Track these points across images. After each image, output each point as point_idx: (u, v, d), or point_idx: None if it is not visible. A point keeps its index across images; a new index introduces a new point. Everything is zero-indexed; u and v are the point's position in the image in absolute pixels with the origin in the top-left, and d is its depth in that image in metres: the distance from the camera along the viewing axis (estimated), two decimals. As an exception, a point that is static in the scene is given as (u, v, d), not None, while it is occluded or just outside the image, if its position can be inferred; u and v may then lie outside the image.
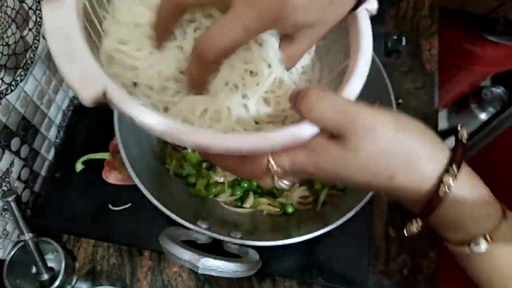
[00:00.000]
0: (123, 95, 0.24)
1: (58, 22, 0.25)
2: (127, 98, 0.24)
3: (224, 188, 0.52)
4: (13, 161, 0.50)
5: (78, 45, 0.24)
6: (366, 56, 0.29)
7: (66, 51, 0.24)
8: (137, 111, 0.24)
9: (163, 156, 0.54)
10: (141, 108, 0.24)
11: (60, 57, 0.24)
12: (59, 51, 0.24)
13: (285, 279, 0.52)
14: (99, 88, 0.23)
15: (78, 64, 0.24)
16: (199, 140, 0.23)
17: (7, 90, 0.47)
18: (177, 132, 0.23)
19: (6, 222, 0.51)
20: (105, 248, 0.54)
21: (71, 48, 0.24)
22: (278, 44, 0.29)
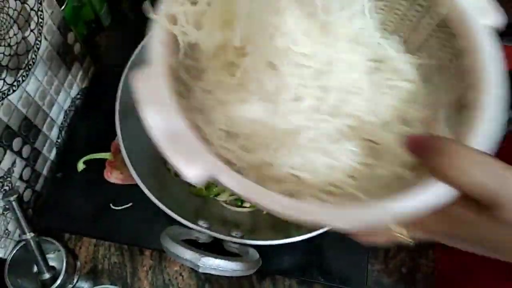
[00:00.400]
0: (232, 175, 0.24)
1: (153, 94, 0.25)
2: (237, 177, 0.24)
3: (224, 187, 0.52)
4: (15, 161, 0.50)
5: (179, 124, 0.24)
6: (497, 88, 0.23)
7: (166, 129, 0.24)
8: (249, 191, 0.23)
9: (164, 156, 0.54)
10: (254, 186, 0.23)
11: (162, 137, 0.24)
12: (158, 128, 0.24)
13: (285, 278, 0.52)
14: (204, 167, 0.23)
15: (181, 144, 0.24)
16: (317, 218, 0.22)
17: (9, 91, 0.47)
18: (296, 211, 0.22)
19: (7, 221, 0.51)
20: (106, 247, 0.54)
21: (171, 126, 0.24)
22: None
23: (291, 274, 0.52)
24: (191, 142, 0.24)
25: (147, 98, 0.25)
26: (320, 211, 0.22)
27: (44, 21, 0.52)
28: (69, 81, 0.61)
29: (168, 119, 0.25)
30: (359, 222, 0.21)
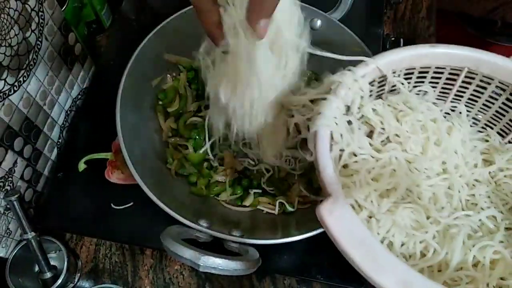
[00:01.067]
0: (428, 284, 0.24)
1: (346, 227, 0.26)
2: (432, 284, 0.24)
3: (224, 187, 0.53)
4: (16, 161, 0.50)
5: (379, 249, 0.25)
6: None
7: (368, 257, 0.25)
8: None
9: (164, 156, 0.54)
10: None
11: (367, 265, 0.25)
12: (362, 259, 0.25)
13: (284, 277, 0.52)
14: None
15: (393, 272, 0.24)
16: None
17: (10, 91, 0.47)
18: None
19: (9, 221, 0.51)
20: (107, 247, 0.55)
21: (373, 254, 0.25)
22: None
23: (291, 273, 0.52)
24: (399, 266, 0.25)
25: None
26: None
27: (45, 21, 0.52)
28: (70, 81, 0.61)
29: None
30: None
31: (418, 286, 0.24)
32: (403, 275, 0.24)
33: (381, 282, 0.24)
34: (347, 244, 0.26)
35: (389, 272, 0.24)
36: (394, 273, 0.24)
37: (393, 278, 0.24)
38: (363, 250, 0.25)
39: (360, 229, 0.26)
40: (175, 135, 0.56)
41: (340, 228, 0.26)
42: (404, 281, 0.24)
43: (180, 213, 0.44)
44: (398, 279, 0.24)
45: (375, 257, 0.25)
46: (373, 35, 0.67)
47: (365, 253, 0.25)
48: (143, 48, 0.54)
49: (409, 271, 0.25)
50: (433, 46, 0.41)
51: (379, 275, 0.24)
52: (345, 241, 0.26)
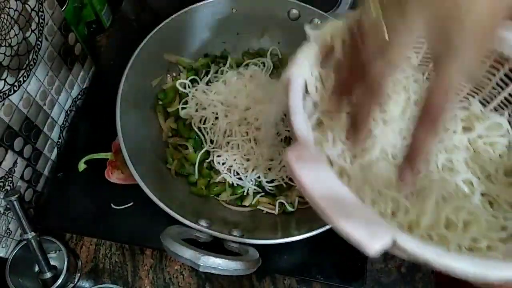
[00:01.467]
0: (416, 242, 0.24)
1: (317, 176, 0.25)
2: (421, 244, 0.24)
3: (224, 187, 0.53)
4: (16, 161, 0.50)
5: (347, 197, 0.24)
6: None
7: (336, 205, 0.24)
8: (434, 255, 0.23)
9: (164, 156, 0.54)
10: (439, 252, 0.23)
11: (333, 212, 0.24)
12: (328, 206, 0.24)
13: (284, 277, 0.52)
14: (388, 238, 0.23)
15: (356, 218, 0.23)
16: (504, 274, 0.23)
17: (10, 91, 0.47)
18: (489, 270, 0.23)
19: (9, 221, 0.51)
20: (107, 247, 0.55)
21: (340, 201, 0.24)
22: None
23: (291, 273, 0.52)
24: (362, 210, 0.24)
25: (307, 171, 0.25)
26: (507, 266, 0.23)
27: (45, 21, 0.52)
28: (70, 81, 0.61)
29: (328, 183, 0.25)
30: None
31: (380, 233, 0.23)
32: (367, 219, 0.24)
33: (346, 228, 0.23)
34: (313, 190, 0.24)
35: (356, 218, 0.23)
36: (360, 218, 0.23)
37: (360, 224, 0.23)
38: (330, 196, 0.24)
39: (327, 176, 0.25)
40: (175, 135, 0.56)
41: (306, 173, 0.25)
42: (371, 228, 0.23)
43: (180, 213, 0.44)
44: (361, 224, 0.23)
45: (342, 203, 0.24)
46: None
47: (332, 200, 0.24)
48: (143, 48, 0.54)
49: (372, 215, 0.24)
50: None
51: (345, 222, 0.23)
52: (311, 187, 0.25)
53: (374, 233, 0.23)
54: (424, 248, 0.23)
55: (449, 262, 0.23)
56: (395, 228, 0.24)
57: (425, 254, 0.23)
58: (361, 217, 0.24)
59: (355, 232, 0.23)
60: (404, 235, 0.23)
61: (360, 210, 0.24)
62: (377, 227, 0.23)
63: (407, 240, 0.23)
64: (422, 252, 0.23)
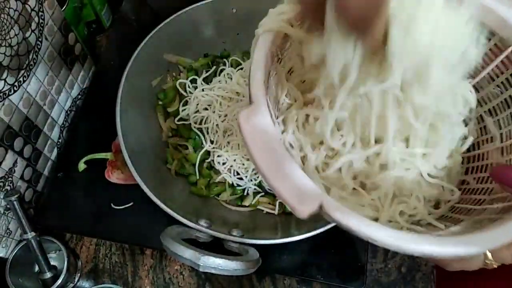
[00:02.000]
0: (340, 207, 0.24)
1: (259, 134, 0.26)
2: (345, 210, 0.24)
3: (225, 187, 0.53)
4: (16, 161, 0.50)
5: (286, 160, 0.25)
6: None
7: (273, 166, 0.25)
8: (355, 222, 0.24)
9: (164, 156, 0.54)
10: (360, 219, 0.24)
11: (270, 172, 0.25)
12: (267, 166, 0.25)
13: (284, 277, 0.52)
14: (316, 204, 0.24)
15: (290, 181, 0.24)
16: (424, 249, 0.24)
17: (10, 91, 0.47)
18: (404, 243, 0.24)
19: (9, 221, 0.51)
20: (107, 247, 0.55)
21: (278, 163, 0.25)
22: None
23: (291, 273, 0.52)
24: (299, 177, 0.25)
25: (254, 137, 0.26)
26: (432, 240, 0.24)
27: (45, 21, 0.52)
28: (70, 81, 0.61)
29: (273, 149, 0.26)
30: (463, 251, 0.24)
31: (309, 196, 0.24)
32: (300, 184, 0.24)
33: (279, 189, 0.24)
34: (255, 149, 0.25)
35: (291, 182, 0.24)
36: (292, 181, 0.24)
37: (290, 186, 0.24)
38: (271, 159, 0.25)
39: (272, 138, 0.26)
40: (175, 135, 0.56)
41: (253, 135, 0.26)
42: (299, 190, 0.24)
43: (180, 213, 0.44)
44: (295, 187, 0.24)
45: (280, 166, 0.25)
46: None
47: (273, 162, 0.25)
48: (143, 48, 0.54)
49: (305, 180, 0.25)
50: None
51: (278, 183, 0.24)
52: (254, 145, 0.25)
53: (304, 198, 0.24)
54: (348, 215, 0.24)
55: (369, 232, 0.23)
56: (323, 194, 0.24)
57: (347, 222, 0.24)
58: (295, 180, 0.24)
59: (287, 196, 0.24)
60: (331, 201, 0.24)
61: (295, 174, 0.25)
62: (308, 191, 0.24)
63: (333, 207, 0.24)
64: (345, 219, 0.24)
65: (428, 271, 0.54)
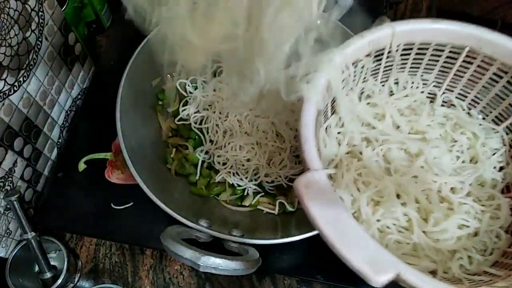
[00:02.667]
0: (421, 276, 0.24)
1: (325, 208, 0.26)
2: (426, 278, 0.24)
3: (225, 187, 0.53)
4: (16, 161, 0.50)
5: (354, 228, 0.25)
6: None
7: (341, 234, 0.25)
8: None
9: (164, 156, 0.54)
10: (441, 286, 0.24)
11: (338, 241, 0.25)
12: (335, 235, 0.25)
13: (285, 277, 0.52)
14: (393, 272, 0.24)
15: (362, 250, 0.25)
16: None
17: (10, 91, 0.47)
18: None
19: (9, 221, 0.51)
20: (107, 247, 0.55)
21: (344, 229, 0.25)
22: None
23: (291, 273, 0.52)
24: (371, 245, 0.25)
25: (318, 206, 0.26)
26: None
27: (45, 21, 0.52)
28: (70, 81, 0.61)
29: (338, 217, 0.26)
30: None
31: (386, 262, 0.24)
32: (373, 252, 0.24)
33: (350, 259, 0.24)
34: (321, 220, 0.25)
35: (359, 249, 0.24)
36: (363, 250, 0.24)
37: (362, 254, 0.24)
38: (337, 227, 0.25)
39: (335, 206, 0.26)
40: (175, 135, 0.56)
41: (315, 203, 0.26)
42: (372, 258, 0.24)
43: (180, 213, 0.44)
44: (367, 256, 0.24)
45: (348, 235, 0.25)
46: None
47: (339, 231, 0.25)
48: (143, 48, 0.54)
49: (377, 248, 0.24)
50: (434, 21, 0.39)
51: (349, 252, 0.24)
52: (319, 217, 0.25)
53: (379, 267, 0.24)
54: (427, 282, 0.24)
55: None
56: (399, 261, 0.24)
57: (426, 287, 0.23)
58: (366, 249, 0.24)
59: (360, 266, 0.24)
60: (408, 268, 0.24)
61: (366, 242, 0.25)
62: (382, 260, 0.24)
63: (410, 273, 0.24)
64: (424, 285, 0.23)
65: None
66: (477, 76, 0.42)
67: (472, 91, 0.44)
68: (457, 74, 0.43)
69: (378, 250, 0.24)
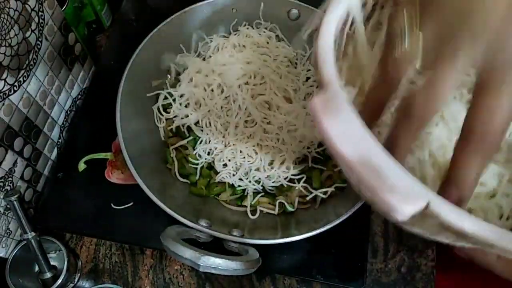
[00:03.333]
0: (453, 209, 0.20)
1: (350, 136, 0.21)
2: (459, 211, 0.20)
3: (225, 187, 0.53)
4: (16, 161, 0.50)
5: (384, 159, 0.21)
6: None
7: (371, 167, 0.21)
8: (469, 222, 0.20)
9: (164, 156, 0.54)
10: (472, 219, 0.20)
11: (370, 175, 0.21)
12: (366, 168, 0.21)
13: (284, 277, 0.52)
14: (422, 202, 0.20)
15: (392, 179, 0.20)
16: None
17: (10, 91, 0.47)
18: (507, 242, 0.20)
19: (9, 221, 0.51)
20: (107, 247, 0.55)
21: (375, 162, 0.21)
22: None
23: (291, 273, 0.52)
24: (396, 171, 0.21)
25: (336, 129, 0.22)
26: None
27: (45, 21, 0.52)
28: (70, 81, 0.61)
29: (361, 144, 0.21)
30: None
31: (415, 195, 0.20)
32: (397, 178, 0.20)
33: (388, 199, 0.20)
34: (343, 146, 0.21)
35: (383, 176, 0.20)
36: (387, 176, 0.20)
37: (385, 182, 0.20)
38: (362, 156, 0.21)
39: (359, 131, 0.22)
40: (175, 135, 0.56)
41: (335, 126, 0.22)
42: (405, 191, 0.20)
43: (180, 213, 0.44)
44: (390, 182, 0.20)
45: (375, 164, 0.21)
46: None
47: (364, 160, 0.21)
48: (143, 48, 0.54)
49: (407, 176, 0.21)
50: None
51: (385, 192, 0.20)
52: (341, 142, 0.21)
53: (409, 195, 0.20)
54: (461, 215, 0.20)
55: (489, 235, 0.20)
56: (430, 191, 0.20)
57: (461, 222, 0.20)
58: (398, 180, 0.20)
59: (386, 194, 0.20)
60: (439, 199, 0.20)
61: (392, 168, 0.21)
62: (411, 188, 0.20)
63: (442, 205, 0.20)
64: (459, 219, 0.20)
65: (428, 271, 0.54)
66: None
67: None
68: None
69: (407, 178, 0.21)
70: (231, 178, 0.53)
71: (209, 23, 0.60)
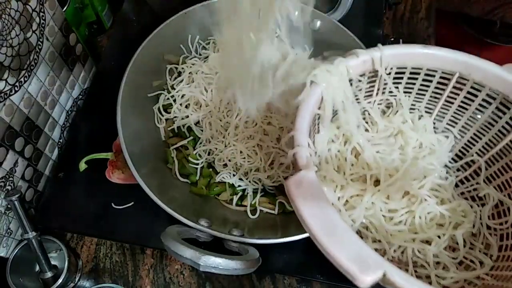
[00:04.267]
0: (405, 277, 0.24)
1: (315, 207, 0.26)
2: (410, 279, 0.24)
3: (225, 187, 0.53)
4: (17, 161, 0.50)
5: (341, 226, 0.25)
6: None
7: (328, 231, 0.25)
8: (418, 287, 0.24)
9: (165, 156, 0.55)
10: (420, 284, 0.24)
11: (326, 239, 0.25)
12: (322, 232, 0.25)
13: (284, 277, 0.53)
14: (379, 273, 0.24)
15: (348, 247, 0.24)
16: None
17: (11, 91, 0.48)
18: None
19: (10, 221, 0.52)
20: (108, 246, 0.55)
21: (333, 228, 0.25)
22: None
23: (291, 273, 0.52)
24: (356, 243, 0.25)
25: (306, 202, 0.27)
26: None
27: (46, 22, 0.52)
28: (71, 81, 0.61)
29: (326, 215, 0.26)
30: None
31: (372, 262, 0.24)
32: (358, 251, 0.24)
33: (338, 257, 0.24)
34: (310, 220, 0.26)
35: (346, 248, 0.24)
36: (349, 249, 0.24)
37: (349, 254, 0.24)
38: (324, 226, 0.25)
39: (324, 205, 0.26)
40: (175, 135, 0.56)
41: (306, 203, 0.26)
42: (359, 256, 0.24)
43: (181, 213, 0.44)
44: (352, 254, 0.24)
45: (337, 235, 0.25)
46: (373, 35, 0.67)
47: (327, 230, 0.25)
48: (143, 49, 0.54)
49: (365, 248, 0.25)
50: (425, 47, 0.41)
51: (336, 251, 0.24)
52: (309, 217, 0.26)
53: (366, 266, 0.24)
54: (413, 283, 0.24)
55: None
56: (385, 261, 0.24)
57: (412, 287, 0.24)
58: (353, 249, 0.24)
59: (347, 264, 0.24)
60: (394, 269, 0.24)
61: (354, 243, 0.25)
62: (369, 260, 0.24)
63: (397, 274, 0.24)
64: (410, 286, 0.24)
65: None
66: (467, 102, 0.43)
67: (462, 118, 0.45)
68: (448, 101, 0.44)
69: (365, 250, 0.24)
70: (231, 178, 0.53)
71: (210, 24, 0.60)
